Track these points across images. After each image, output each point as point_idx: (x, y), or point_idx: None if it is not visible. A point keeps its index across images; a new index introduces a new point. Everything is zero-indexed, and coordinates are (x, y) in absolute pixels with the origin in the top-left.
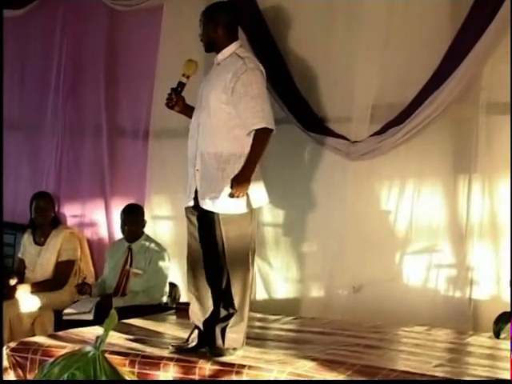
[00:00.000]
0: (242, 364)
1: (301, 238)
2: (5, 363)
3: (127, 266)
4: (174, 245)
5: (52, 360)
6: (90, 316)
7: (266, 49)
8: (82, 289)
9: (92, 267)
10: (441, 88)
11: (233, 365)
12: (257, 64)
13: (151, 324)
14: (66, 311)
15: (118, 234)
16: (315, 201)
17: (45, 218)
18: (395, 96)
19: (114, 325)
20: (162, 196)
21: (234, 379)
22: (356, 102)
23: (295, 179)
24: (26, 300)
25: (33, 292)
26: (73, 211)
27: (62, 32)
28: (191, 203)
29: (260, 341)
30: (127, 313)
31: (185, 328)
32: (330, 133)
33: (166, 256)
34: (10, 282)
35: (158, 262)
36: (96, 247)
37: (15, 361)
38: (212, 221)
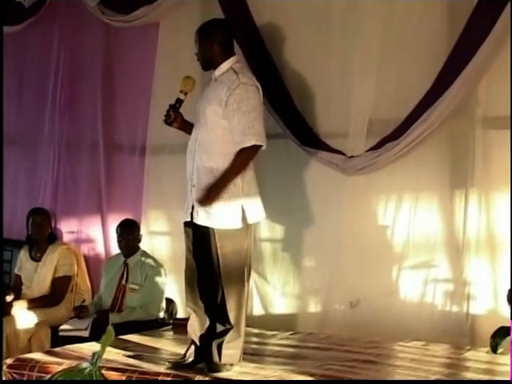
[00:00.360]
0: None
1: (298, 253)
2: None
3: (123, 281)
4: (171, 260)
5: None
6: (86, 333)
7: (263, 64)
8: (80, 313)
9: (89, 283)
10: (437, 103)
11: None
12: (251, 79)
13: (148, 340)
14: (63, 327)
15: (115, 250)
16: (312, 216)
17: (41, 234)
18: (391, 111)
19: (111, 341)
20: (159, 212)
21: None
22: (352, 117)
23: (292, 194)
24: (23, 316)
25: (29, 308)
26: (69, 227)
27: (59, 48)
28: (188, 218)
29: (257, 356)
30: (124, 329)
31: (182, 344)
32: (327, 148)
33: (163, 271)
34: (7, 299)
35: (155, 278)
36: (93, 263)
37: (12, 378)
38: (207, 236)
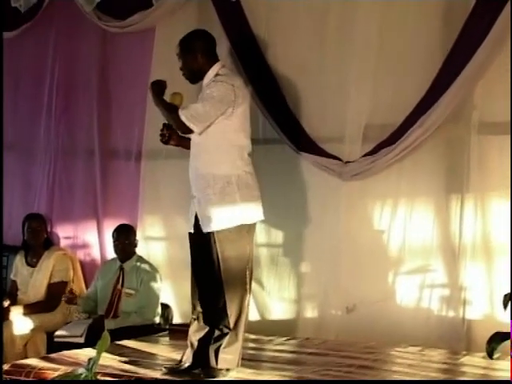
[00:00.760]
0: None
1: (294, 259)
2: None
3: (119, 286)
4: (167, 265)
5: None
6: (82, 340)
7: (258, 70)
8: (69, 300)
9: (84, 288)
10: (432, 108)
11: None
12: (230, 78)
13: (144, 345)
14: (58, 333)
15: (111, 255)
16: (308, 221)
17: (37, 240)
18: (387, 116)
19: (107, 346)
20: (155, 217)
21: None
22: (348, 123)
23: (288, 199)
24: (19, 322)
25: (25, 314)
26: (65, 232)
27: (55, 53)
28: (191, 229)
29: (254, 362)
30: (120, 334)
31: (178, 349)
32: (323, 153)
33: (158, 277)
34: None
35: (150, 283)
36: (88, 268)
37: None
38: (208, 241)
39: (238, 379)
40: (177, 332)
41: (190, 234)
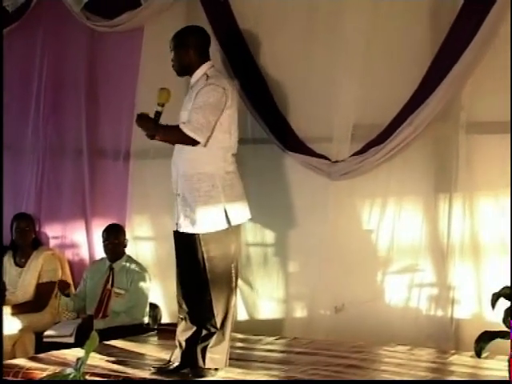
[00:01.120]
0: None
1: (282, 258)
2: None
3: (109, 286)
4: (156, 265)
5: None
6: (71, 339)
7: (246, 69)
8: (62, 288)
9: (73, 288)
10: (421, 108)
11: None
12: (220, 80)
13: (133, 345)
14: (47, 333)
15: (99, 255)
16: (297, 220)
17: (25, 240)
18: (376, 116)
19: (95, 346)
20: (143, 217)
21: None
22: (336, 122)
23: (276, 199)
24: (7, 322)
25: (13, 314)
26: (53, 232)
27: (43, 53)
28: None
29: (243, 361)
30: (109, 334)
31: (167, 349)
32: (311, 153)
33: (147, 277)
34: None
35: (140, 283)
36: (77, 268)
37: None
38: (193, 241)
39: (227, 379)
40: (165, 332)
41: (175, 233)
